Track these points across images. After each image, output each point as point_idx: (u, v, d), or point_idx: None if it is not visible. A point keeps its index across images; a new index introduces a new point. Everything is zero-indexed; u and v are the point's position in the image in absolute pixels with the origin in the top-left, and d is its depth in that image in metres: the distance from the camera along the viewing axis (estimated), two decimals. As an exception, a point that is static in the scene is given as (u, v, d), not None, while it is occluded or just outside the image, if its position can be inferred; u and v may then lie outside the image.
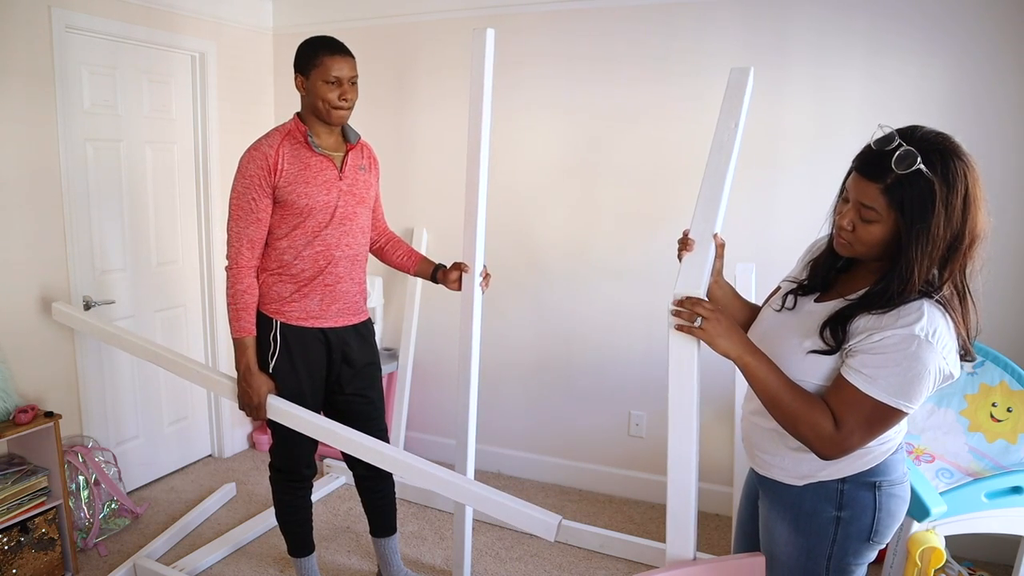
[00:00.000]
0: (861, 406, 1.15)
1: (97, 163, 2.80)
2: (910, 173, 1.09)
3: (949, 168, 1.10)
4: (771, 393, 1.22)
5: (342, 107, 1.94)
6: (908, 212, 1.10)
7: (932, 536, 1.88)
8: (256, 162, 1.91)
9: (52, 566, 2.39)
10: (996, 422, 2.06)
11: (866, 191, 1.14)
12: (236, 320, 1.96)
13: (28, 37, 2.47)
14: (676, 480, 1.34)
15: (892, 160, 1.10)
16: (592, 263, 3.04)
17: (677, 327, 1.28)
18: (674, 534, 1.37)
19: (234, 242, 1.95)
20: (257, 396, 1.95)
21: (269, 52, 3.54)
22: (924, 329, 1.12)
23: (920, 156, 1.09)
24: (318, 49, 1.92)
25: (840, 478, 1.27)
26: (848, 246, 1.22)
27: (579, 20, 2.92)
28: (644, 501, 3.06)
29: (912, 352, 1.12)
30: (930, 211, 1.09)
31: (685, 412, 1.32)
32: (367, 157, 2.12)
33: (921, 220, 1.10)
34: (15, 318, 2.50)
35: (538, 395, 3.23)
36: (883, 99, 2.53)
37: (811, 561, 1.31)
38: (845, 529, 1.27)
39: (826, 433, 1.17)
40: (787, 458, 1.31)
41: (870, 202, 1.14)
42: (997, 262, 2.49)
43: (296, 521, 2.23)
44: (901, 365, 1.12)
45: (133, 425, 3.06)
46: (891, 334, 1.13)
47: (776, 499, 1.35)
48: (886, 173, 1.11)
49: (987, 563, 2.49)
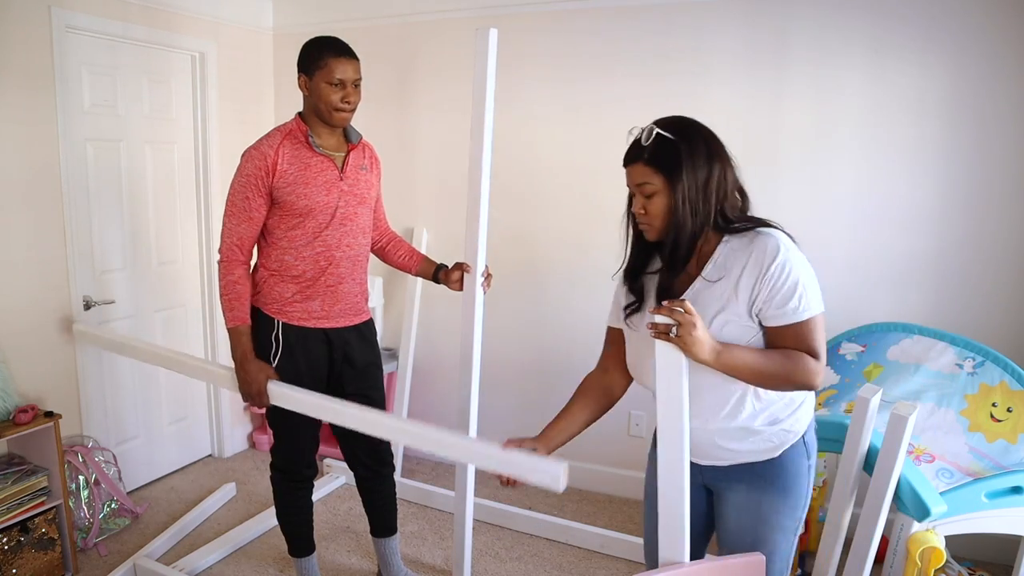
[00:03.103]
0: (815, 329, 1.32)
1: (97, 163, 2.80)
2: (655, 140, 1.34)
3: (683, 128, 1.36)
4: (756, 371, 1.31)
5: (344, 109, 1.94)
6: (667, 167, 1.33)
7: (932, 536, 1.88)
8: (255, 161, 1.91)
9: (52, 566, 2.39)
10: (996, 422, 2.06)
11: (635, 172, 1.38)
12: (229, 310, 1.95)
13: (28, 37, 2.47)
14: (667, 482, 1.34)
15: (641, 140, 1.36)
16: (593, 263, 3.04)
17: (655, 335, 1.28)
18: (667, 538, 1.37)
19: (226, 238, 1.95)
20: (256, 383, 1.91)
21: (269, 52, 3.54)
22: (783, 246, 1.32)
23: (658, 127, 1.35)
24: (323, 50, 1.91)
25: (803, 432, 1.45)
26: (650, 227, 1.41)
27: (579, 20, 2.92)
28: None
29: (793, 270, 1.30)
30: (681, 160, 1.33)
31: (674, 414, 1.31)
32: (368, 157, 2.12)
33: (677, 168, 1.33)
34: (15, 318, 2.50)
35: (538, 395, 3.22)
36: (883, 99, 2.53)
37: (791, 517, 1.46)
38: (812, 472, 1.48)
39: (814, 367, 1.31)
40: (760, 439, 1.42)
41: (641, 178, 1.37)
42: (997, 262, 2.50)
43: (297, 521, 2.23)
44: (801, 280, 1.31)
45: (133, 425, 3.06)
46: (773, 272, 1.30)
47: (756, 478, 1.45)
48: (641, 151, 1.36)
49: (987, 563, 2.49)
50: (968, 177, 2.45)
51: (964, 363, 2.14)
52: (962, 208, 2.48)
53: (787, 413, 1.43)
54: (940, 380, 2.14)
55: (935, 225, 2.54)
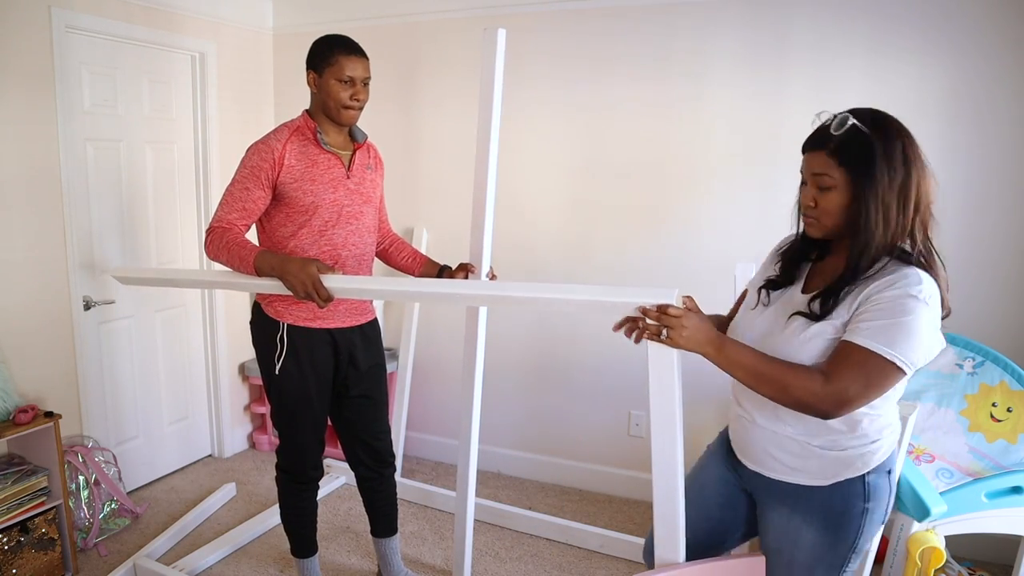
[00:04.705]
0: (850, 356, 1.18)
1: (97, 163, 2.80)
2: (847, 131, 1.20)
3: (880, 124, 1.21)
4: (752, 371, 1.24)
5: (353, 107, 1.94)
6: (854, 166, 1.19)
7: (932, 536, 1.88)
8: (261, 154, 1.89)
9: (52, 566, 2.39)
10: (996, 422, 2.06)
11: (814, 161, 1.25)
12: (239, 256, 1.80)
13: (28, 37, 2.46)
14: (661, 483, 1.35)
15: (831, 128, 1.22)
16: (593, 262, 3.04)
17: (647, 337, 1.29)
18: (662, 537, 1.37)
19: (216, 218, 1.88)
20: (309, 278, 1.71)
21: (269, 52, 3.54)
22: (922, 292, 1.17)
23: (853, 117, 1.20)
24: (333, 47, 1.91)
25: (867, 471, 1.29)
26: (816, 223, 1.28)
27: (580, 20, 2.92)
28: (644, 501, 3.06)
29: (907, 308, 1.16)
30: (872, 162, 1.18)
31: (668, 416, 1.32)
32: (373, 157, 2.12)
33: (867, 171, 1.18)
34: (15, 318, 2.50)
35: (538, 395, 3.23)
36: (883, 99, 2.50)
37: (834, 553, 1.34)
38: (870, 518, 1.31)
39: (818, 388, 1.18)
40: (812, 460, 1.31)
41: (820, 168, 1.23)
42: (996, 262, 2.50)
43: (301, 522, 2.23)
44: (894, 318, 1.16)
45: (133, 425, 3.06)
46: (889, 295, 1.17)
47: (801, 503, 1.35)
48: (828, 139, 1.23)
49: (987, 563, 2.49)
50: (967, 177, 2.45)
51: (964, 363, 2.14)
52: (961, 208, 2.48)
53: (854, 443, 1.29)
54: (940, 380, 2.14)
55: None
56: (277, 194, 1.92)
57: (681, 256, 2.88)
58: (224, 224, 1.87)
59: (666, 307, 1.26)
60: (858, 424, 1.28)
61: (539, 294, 1.46)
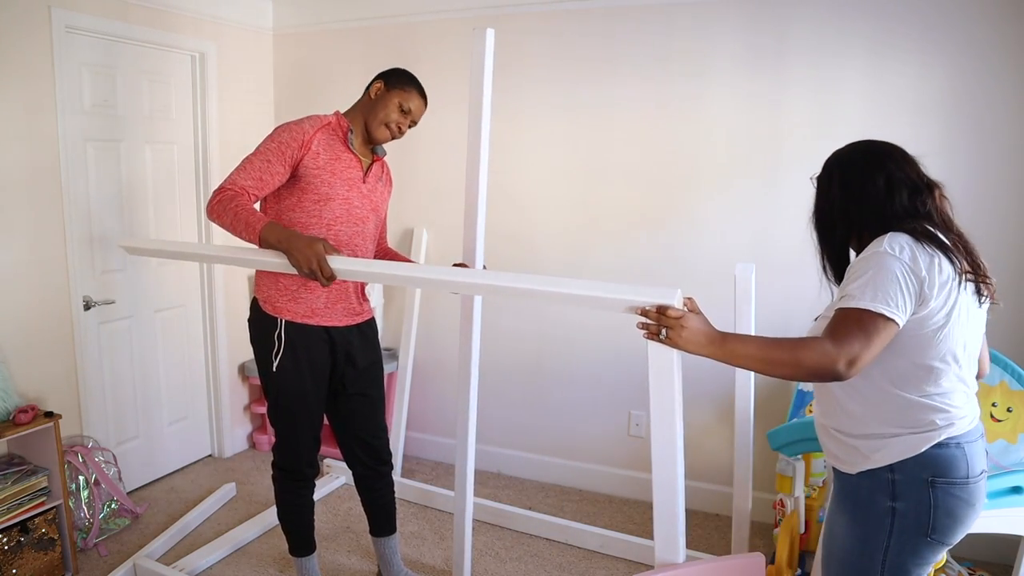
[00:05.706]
0: (846, 318, 1.25)
1: (97, 163, 2.80)
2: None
3: (825, 169, 1.49)
4: (760, 358, 1.25)
5: (392, 132, 2.04)
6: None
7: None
8: (292, 132, 1.93)
9: (52, 566, 2.39)
10: (996, 422, 2.06)
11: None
12: (245, 222, 1.78)
13: (28, 37, 2.47)
14: (661, 481, 1.34)
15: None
16: (592, 263, 3.04)
17: (647, 336, 1.29)
18: (662, 537, 1.37)
19: (230, 180, 1.86)
20: (314, 255, 1.70)
21: (269, 52, 3.54)
22: (889, 246, 1.27)
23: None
24: (413, 82, 2.07)
25: (887, 465, 1.30)
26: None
27: (579, 20, 2.92)
28: (644, 501, 3.06)
29: (874, 262, 1.26)
30: (819, 193, 1.50)
31: (667, 413, 1.32)
32: (386, 173, 2.19)
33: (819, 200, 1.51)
34: (15, 318, 2.50)
35: (538, 395, 3.23)
36: (883, 99, 2.53)
37: (866, 556, 1.33)
38: (901, 522, 1.29)
39: (827, 349, 1.22)
40: (841, 446, 1.37)
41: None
42: (996, 262, 2.49)
43: (298, 521, 2.23)
44: (867, 273, 1.26)
45: (133, 425, 3.06)
46: (861, 258, 1.30)
47: (839, 489, 1.41)
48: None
49: (987, 563, 2.49)
50: (966, 177, 2.45)
51: (964, 363, 2.13)
52: (960, 208, 2.45)
53: (857, 431, 1.34)
54: (940, 380, 2.13)
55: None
56: (296, 175, 1.94)
57: (681, 256, 2.88)
58: (236, 188, 1.86)
59: (665, 308, 1.26)
60: (853, 412, 1.35)
61: (540, 286, 1.46)
